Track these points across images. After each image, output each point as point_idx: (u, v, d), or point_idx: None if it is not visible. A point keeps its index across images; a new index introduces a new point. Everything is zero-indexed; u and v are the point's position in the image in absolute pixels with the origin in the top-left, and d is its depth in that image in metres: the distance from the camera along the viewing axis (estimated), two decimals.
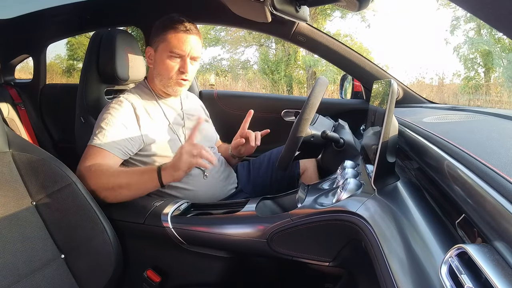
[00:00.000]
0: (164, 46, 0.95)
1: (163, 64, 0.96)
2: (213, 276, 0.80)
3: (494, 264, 0.29)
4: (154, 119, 0.98)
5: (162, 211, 0.79)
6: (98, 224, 0.77)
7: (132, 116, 0.94)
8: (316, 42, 1.27)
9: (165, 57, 0.95)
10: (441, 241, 0.40)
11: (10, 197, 0.72)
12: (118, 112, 0.92)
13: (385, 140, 0.54)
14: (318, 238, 0.66)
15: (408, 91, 1.31)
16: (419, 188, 0.56)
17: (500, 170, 0.36)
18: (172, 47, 0.94)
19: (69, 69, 10.29)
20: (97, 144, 0.87)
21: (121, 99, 0.96)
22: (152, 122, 0.98)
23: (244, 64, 11.91)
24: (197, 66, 1.03)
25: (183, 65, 0.96)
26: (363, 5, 0.86)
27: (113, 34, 1.07)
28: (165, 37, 0.94)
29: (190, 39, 0.95)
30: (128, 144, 0.91)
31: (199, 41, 0.99)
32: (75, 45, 10.00)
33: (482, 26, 8.75)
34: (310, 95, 0.79)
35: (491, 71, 8.52)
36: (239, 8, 1.09)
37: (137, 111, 0.95)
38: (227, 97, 1.57)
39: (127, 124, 0.92)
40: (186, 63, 0.96)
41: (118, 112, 0.92)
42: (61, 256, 0.76)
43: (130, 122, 0.93)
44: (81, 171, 0.84)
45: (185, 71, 0.96)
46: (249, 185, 1.14)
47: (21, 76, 2.37)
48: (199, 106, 1.22)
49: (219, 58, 12.19)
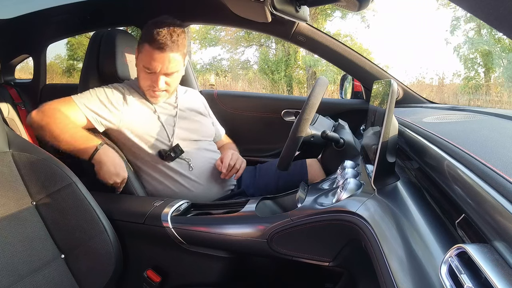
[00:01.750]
0: (140, 58, 0.97)
1: (139, 73, 1.00)
2: (213, 276, 0.80)
3: (494, 264, 0.29)
4: (141, 109, 1.01)
5: (162, 211, 0.79)
6: (98, 224, 0.78)
7: (118, 95, 0.99)
8: (316, 42, 1.27)
9: (140, 68, 0.98)
10: (441, 241, 0.40)
11: (10, 197, 0.72)
12: (108, 87, 1.00)
13: (385, 140, 0.54)
14: (318, 238, 0.66)
15: (408, 91, 1.31)
16: (419, 188, 0.56)
17: (500, 170, 0.36)
18: (145, 63, 0.94)
19: (69, 69, 10.30)
20: (73, 97, 0.95)
21: (115, 84, 1.04)
22: (138, 111, 1.01)
23: (244, 64, 11.92)
24: (178, 76, 1.01)
25: (155, 80, 0.96)
26: (363, 5, 0.86)
27: (113, 34, 1.07)
28: (142, 49, 0.95)
29: (163, 58, 0.92)
30: (103, 112, 0.96)
31: (176, 57, 0.94)
32: (75, 45, 10.00)
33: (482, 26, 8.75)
34: (310, 95, 0.79)
35: (491, 71, 8.53)
36: (239, 8, 1.09)
37: (126, 94, 1.00)
38: (227, 97, 1.57)
39: (111, 96, 0.98)
40: (158, 80, 0.95)
41: (108, 88, 1.00)
42: (61, 256, 0.76)
43: (113, 97, 0.98)
44: (45, 106, 0.92)
45: (156, 85, 0.96)
46: (252, 188, 1.13)
47: (21, 76, 2.36)
48: (198, 102, 1.20)
49: (219, 58, 12.22)
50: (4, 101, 1.69)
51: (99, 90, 0.98)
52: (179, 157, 1.00)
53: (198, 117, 1.13)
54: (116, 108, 0.97)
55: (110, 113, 0.96)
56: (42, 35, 1.70)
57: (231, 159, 1.04)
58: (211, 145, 1.13)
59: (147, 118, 1.01)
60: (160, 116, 1.03)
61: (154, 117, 1.02)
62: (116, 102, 0.97)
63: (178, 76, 1.01)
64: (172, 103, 1.08)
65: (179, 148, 1.00)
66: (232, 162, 1.03)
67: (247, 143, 1.47)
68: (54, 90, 1.86)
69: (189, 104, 1.13)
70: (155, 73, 0.95)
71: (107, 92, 0.98)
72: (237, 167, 1.04)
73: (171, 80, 0.98)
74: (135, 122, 0.99)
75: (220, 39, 11.54)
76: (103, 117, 0.96)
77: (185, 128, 1.06)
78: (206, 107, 1.23)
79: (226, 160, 1.02)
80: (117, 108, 0.97)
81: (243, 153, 1.22)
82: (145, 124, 1.00)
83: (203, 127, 1.13)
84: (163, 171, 1.01)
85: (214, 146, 1.15)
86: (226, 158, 1.03)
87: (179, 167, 1.01)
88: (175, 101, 1.08)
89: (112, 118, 0.97)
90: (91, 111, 0.94)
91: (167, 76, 0.97)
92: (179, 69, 0.98)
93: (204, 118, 1.16)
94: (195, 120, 1.11)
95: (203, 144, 1.09)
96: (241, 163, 1.06)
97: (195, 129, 1.09)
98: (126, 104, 0.99)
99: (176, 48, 0.94)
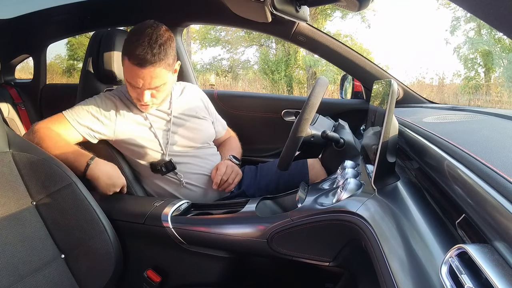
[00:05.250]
0: (124, 70, 0.92)
1: (126, 84, 0.94)
2: (213, 276, 0.80)
3: (494, 264, 0.29)
4: (134, 119, 0.99)
5: (162, 211, 0.79)
6: (98, 224, 0.78)
7: (111, 105, 0.98)
8: (316, 42, 1.27)
9: (125, 80, 0.93)
10: (441, 241, 0.40)
11: (10, 197, 0.72)
12: (99, 98, 0.98)
13: (385, 140, 0.54)
14: (318, 238, 0.66)
15: (408, 91, 1.31)
16: (419, 188, 0.56)
17: (500, 170, 0.36)
18: (127, 77, 0.91)
19: (69, 69, 10.31)
20: (64, 113, 0.94)
21: (106, 93, 1.02)
22: (131, 120, 0.98)
23: (244, 64, 11.92)
24: (166, 87, 0.95)
25: (140, 94, 0.91)
26: (363, 5, 0.86)
27: (112, 34, 1.07)
28: (123, 61, 0.90)
29: (143, 74, 0.86)
30: (96, 125, 0.95)
31: (159, 71, 0.88)
32: (75, 45, 10.01)
33: (482, 26, 8.74)
34: (310, 95, 0.79)
35: (491, 71, 8.52)
36: (239, 8, 1.09)
37: (117, 104, 0.98)
38: (227, 97, 1.57)
39: (104, 108, 0.96)
40: (143, 94, 0.91)
41: (98, 98, 0.99)
42: (61, 256, 0.76)
43: (105, 108, 0.97)
44: (36, 125, 0.91)
45: (141, 99, 0.92)
46: (252, 188, 1.12)
47: (21, 76, 2.37)
48: (197, 102, 1.14)
49: (219, 58, 12.22)
50: (4, 101, 1.69)
51: (90, 103, 0.96)
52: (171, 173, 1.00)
53: (195, 122, 1.07)
54: (109, 119, 0.96)
55: (103, 126, 0.95)
56: (42, 35, 1.70)
57: (225, 173, 1.01)
58: (208, 151, 1.10)
59: (140, 128, 0.99)
60: (153, 125, 0.99)
61: (147, 127, 0.99)
62: (108, 114, 0.96)
63: (165, 87, 0.94)
64: (165, 110, 1.03)
65: (172, 164, 0.98)
66: (225, 177, 1.00)
67: (247, 143, 1.47)
68: (54, 90, 1.86)
69: (185, 108, 1.07)
70: (139, 87, 0.90)
71: (99, 104, 0.96)
72: (230, 181, 1.01)
73: (157, 92, 0.93)
74: (128, 132, 0.97)
75: (220, 39, 11.55)
76: (97, 131, 0.95)
77: (181, 135, 1.03)
78: (206, 104, 1.17)
79: (218, 176, 1.00)
80: (110, 120, 0.96)
81: (243, 153, 1.22)
82: (138, 135, 0.98)
83: (200, 133, 1.08)
84: (157, 184, 1.02)
85: (213, 150, 1.12)
86: (219, 172, 1.01)
87: (170, 183, 1.02)
88: (169, 107, 1.04)
89: (105, 131, 0.96)
90: (84, 127, 0.94)
91: (152, 90, 0.92)
92: (165, 81, 0.92)
93: (202, 121, 1.10)
94: (191, 127, 1.06)
95: (199, 152, 1.06)
96: (235, 177, 1.03)
97: (191, 137, 1.05)
98: (119, 114, 0.97)
99: (159, 61, 0.86)
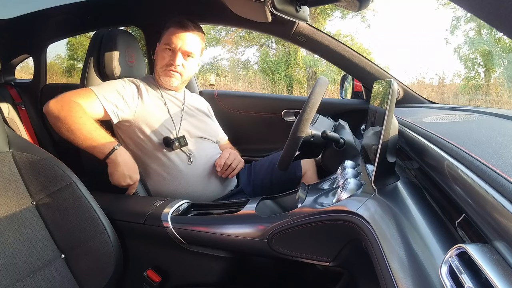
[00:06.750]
0: (162, 41, 1.06)
1: (158, 55, 1.08)
2: (213, 276, 0.80)
3: (494, 264, 0.29)
4: (153, 102, 1.05)
5: (162, 211, 0.79)
6: (98, 224, 0.78)
7: (134, 88, 1.04)
8: (316, 42, 1.27)
9: (161, 49, 1.06)
10: (441, 241, 0.40)
11: (10, 197, 0.72)
12: (124, 80, 1.05)
13: (385, 140, 0.54)
14: (318, 238, 0.66)
15: (408, 91, 1.31)
16: (419, 188, 0.56)
17: (500, 170, 0.36)
18: (166, 41, 1.04)
19: (69, 69, 10.29)
20: (92, 88, 0.97)
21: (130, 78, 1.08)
22: (151, 103, 1.04)
23: (244, 64, 11.91)
24: (193, 63, 1.09)
25: (173, 57, 1.04)
26: (363, 5, 0.86)
27: (113, 34, 1.07)
28: (165, 33, 1.05)
29: (184, 35, 1.03)
30: (121, 104, 0.98)
31: (195, 39, 1.06)
32: (75, 45, 10.00)
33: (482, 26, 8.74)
34: (310, 95, 0.79)
35: (491, 71, 8.51)
36: (239, 8, 1.09)
37: (140, 87, 1.04)
38: (227, 97, 1.57)
39: (128, 89, 1.02)
40: (175, 56, 1.04)
41: (122, 80, 1.05)
42: (61, 256, 0.76)
43: (130, 89, 1.02)
44: (64, 96, 0.91)
45: (173, 63, 1.04)
46: (249, 186, 1.15)
47: (21, 76, 2.37)
48: (203, 106, 1.24)
49: (219, 58, 12.27)
50: (4, 101, 1.69)
51: (116, 83, 1.02)
52: (181, 148, 1.03)
53: (204, 117, 1.18)
54: (132, 100, 1.01)
55: (126, 105, 1.00)
56: (42, 35, 1.70)
57: (228, 158, 1.07)
58: (213, 145, 1.16)
59: (158, 109, 1.06)
60: (170, 109, 1.08)
61: (164, 109, 1.07)
62: (131, 95, 1.02)
63: (193, 63, 1.09)
64: (180, 99, 1.13)
65: (184, 139, 1.04)
66: (228, 161, 1.07)
67: (247, 143, 1.47)
68: (54, 90, 1.85)
69: (196, 105, 1.18)
70: (174, 50, 1.03)
71: (124, 85, 1.02)
72: (233, 166, 1.08)
73: (187, 63, 1.06)
74: (147, 113, 1.02)
75: (220, 39, 11.53)
76: (121, 109, 0.99)
77: (191, 123, 1.10)
78: (210, 111, 1.27)
79: (222, 159, 1.06)
80: (133, 100, 1.02)
81: (243, 153, 1.23)
82: (156, 114, 1.04)
83: (208, 127, 1.17)
84: (163, 163, 1.02)
85: (217, 147, 1.17)
86: (223, 156, 1.08)
87: (178, 159, 1.03)
88: (183, 98, 1.14)
89: (127, 110, 1.00)
90: (110, 103, 0.97)
91: (184, 56, 1.05)
92: (196, 53, 1.07)
93: (209, 119, 1.21)
94: (201, 119, 1.16)
95: (206, 143, 1.12)
96: (238, 163, 1.09)
97: (200, 127, 1.13)
98: (141, 97, 1.03)
99: (197, 31, 1.06)
